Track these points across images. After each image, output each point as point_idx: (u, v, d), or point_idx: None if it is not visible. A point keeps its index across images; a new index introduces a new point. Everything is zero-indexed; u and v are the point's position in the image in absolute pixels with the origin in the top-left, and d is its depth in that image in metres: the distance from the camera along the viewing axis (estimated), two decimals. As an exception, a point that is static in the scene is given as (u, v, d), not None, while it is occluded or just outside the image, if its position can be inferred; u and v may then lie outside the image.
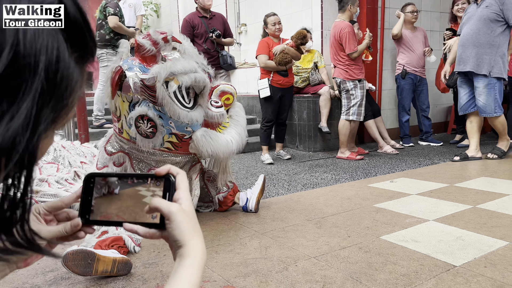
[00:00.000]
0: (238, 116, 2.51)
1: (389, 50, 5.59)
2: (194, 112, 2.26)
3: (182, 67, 2.18)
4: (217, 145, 2.32)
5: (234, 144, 2.38)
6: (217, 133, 2.36)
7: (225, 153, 2.35)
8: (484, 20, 3.83)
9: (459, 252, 1.92)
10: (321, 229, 2.29)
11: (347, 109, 4.43)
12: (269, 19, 4.34)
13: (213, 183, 2.64)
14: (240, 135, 2.42)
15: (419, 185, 3.20)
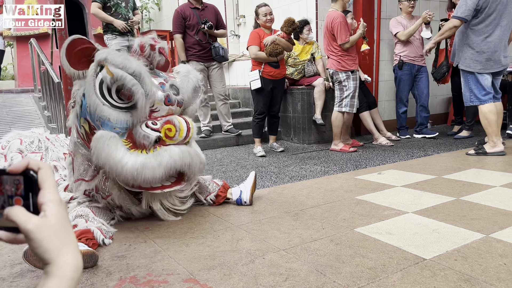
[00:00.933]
0: (167, 152, 2.09)
1: (386, 41, 5.50)
2: (111, 110, 2.03)
3: (121, 60, 2.00)
4: (108, 155, 1.99)
5: (128, 168, 1.99)
6: (120, 145, 2.03)
7: (112, 168, 2.01)
8: None
9: (432, 245, 1.88)
10: (297, 222, 2.27)
11: (340, 100, 4.37)
12: (260, 9, 4.28)
13: (202, 188, 2.60)
14: (143, 165, 2.01)
15: (406, 177, 3.15)
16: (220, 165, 3.99)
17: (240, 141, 5.08)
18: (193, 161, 2.22)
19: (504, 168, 3.27)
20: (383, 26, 5.41)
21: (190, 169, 2.23)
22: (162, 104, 2.20)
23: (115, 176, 2.07)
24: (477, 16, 3.69)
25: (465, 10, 3.67)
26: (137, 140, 2.09)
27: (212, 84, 4.97)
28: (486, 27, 3.70)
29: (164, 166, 2.06)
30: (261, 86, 4.26)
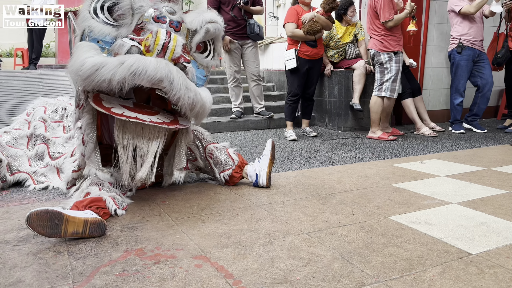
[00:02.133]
0: (140, 57, 1.80)
1: (435, 24, 5.09)
2: (96, 22, 1.89)
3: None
4: (74, 59, 1.79)
5: (87, 63, 1.74)
6: (92, 50, 1.83)
7: (74, 69, 1.77)
8: None
9: (480, 239, 1.63)
10: (324, 205, 2.06)
11: (380, 84, 4.07)
12: None
13: (215, 159, 2.42)
14: (102, 62, 1.74)
15: (450, 167, 2.86)
16: (249, 147, 3.82)
17: (271, 124, 4.89)
18: (176, 79, 1.82)
19: None
20: (432, 9, 5.01)
21: (173, 88, 1.82)
22: (151, 21, 1.98)
23: (76, 78, 1.82)
24: None
25: None
26: (115, 53, 1.88)
27: (245, 63, 4.79)
28: None
29: (127, 67, 1.74)
30: (296, 66, 4.03)
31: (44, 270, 1.39)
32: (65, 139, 2.72)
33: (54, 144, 2.62)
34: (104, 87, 1.79)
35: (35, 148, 2.62)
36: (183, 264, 1.43)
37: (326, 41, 4.61)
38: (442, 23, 5.13)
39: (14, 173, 2.44)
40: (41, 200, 2.20)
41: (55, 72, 5.71)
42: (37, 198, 2.23)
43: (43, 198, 2.24)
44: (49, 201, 2.18)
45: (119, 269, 1.40)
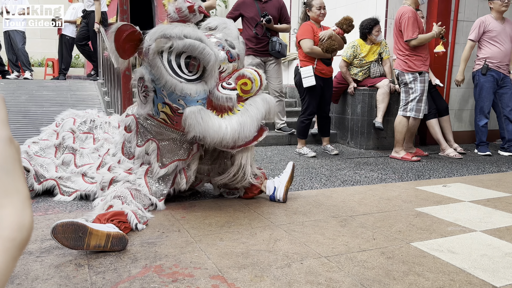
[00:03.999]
0: (253, 105, 2.16)
1: (462, 45, 5.01)
2: (189, 85, 2.08)
3: (179, 31, 2.03)
4: (205, 127, 2.05)
5: (229, 132, 2.05)
6: (211, 114, 2.09)
7: (214, 138, 2.06)
8: None
9: (505, 270, 1.58)
10: (344, 228, 2.04)
11: (405, 104, 4.03)
12: (315, 1, 4.01)
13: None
14: (241, 124, 2.08)
15: (475, 191, 2.78)
16: (270, 163, 3.82)
17: (292, 140, 4.88)
18: (270, 106, 2.26)
19: None
20: (459, 29, 4.95)
21: (270, 114, 2.27)
22: (227, 62, 2.20)
23: (215, 143, 2.12)
24: None
25: None
26: (217, 104, 2.14)
27: (268, 79, 4.82)
28: None
29: (256, 119, 2.15)
30: (315, 83, 4.03)
31: (65, 283, 1.42)
32: (92, 150, 2.79)
33: (82, 155, 2.69)
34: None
35: (62, 157, 2.69)
36: (200, 284, 1.43)
37: (350, 59, 4.61)
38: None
39: (41, 182, 2.51)
40: (64, 211, 2.26)
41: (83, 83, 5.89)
42: (60, 209, 2.28)
43: (66, 209, 2.29)
44: (72, 212, 2.24)
45: (138, 285, 1.41)
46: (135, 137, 2.36)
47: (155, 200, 2.26)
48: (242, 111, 2.15)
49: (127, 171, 2.34)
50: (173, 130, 2.26)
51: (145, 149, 2.32)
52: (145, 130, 2.33)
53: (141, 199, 2.17)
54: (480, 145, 4.47)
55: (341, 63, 4.70)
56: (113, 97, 4.59)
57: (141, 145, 2.34)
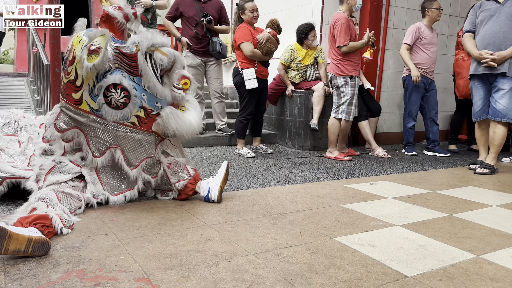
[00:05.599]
0: (193, 101, 2.56)
1: (392, 51, 5.34)
2: (165, 89, 2.36)
3: (161, 40, 2.29)
4: (183, 124, 2.38)
5: (196, 126, 2.43)
6: (181, 112, 2.40)
7: (188, 132, 2.42)
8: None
9: (417, 261, 1.71)
10: (274, 226, 2.10)
11: (337, 106, 4.21)
12: (247, 4, 4.10)
13: (173, 170, 2.47)
14: (200, 118, 2.49)
15: (398, 189, 2.98)
16: (208, 163, 3.83)
17: (233, 141, 4.92)
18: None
19: (503, 188, 3.10)
20: (389, 36, 5.26)
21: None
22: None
23: (186, 135, 2.44)
24: None
25: None
26: (173, 101, 2.42)
27: (208, 80, 4.83)
28: None
29: (200, 111, 2.60)
30: (257, 85, 4.11)
31: (-24, 292, 1.34)
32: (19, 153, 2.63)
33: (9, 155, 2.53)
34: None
35: None
36: (124, 286, 1.41)
37: (287, 62, 4.74)
38: (397, 50, 5.39)
39: None
40: (-18, 216, 2.11)
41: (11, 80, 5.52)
42: (-22, 214, 2.13)
43: (-16, 214, 2.15)
44: (-9, 217, 2.10)
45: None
46: (88, 150, 2.33)
47: (107, 194, 2.33)
48: (192, 106, 2.51)
49: (74, 163, 2.33)
50: (139, 132, 2.38)
51: (106, 158, 2.33)
52: (98, 140, 2.32)
53: (68, 202, 2.09)
54: (407, 146, 4.79)
55: (279, 66, 4.82)
56: (43, 96, 4.35)
57: (99, 156, 2.33)
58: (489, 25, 3.66)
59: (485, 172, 3.67)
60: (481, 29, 3.73)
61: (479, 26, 3.76)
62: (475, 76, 3.78)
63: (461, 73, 4.90)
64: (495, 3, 3.69)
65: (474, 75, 3.78)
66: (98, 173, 2.35)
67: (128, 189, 2.40)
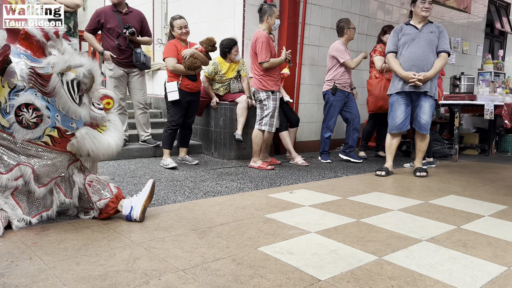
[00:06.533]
0: (116, 121, 2.58)
1: (307, 66, 5.74)
2: (82, 109, 2.32)
3: (79, 61, 2.26)
4: (99, 146, 2.39)
5: (114, 147, 2.45)
6: (99, 133, 2.39)
7: (105, 154, 2.43)
8: (431, 44, 4.13)
9: (329, 265, 1.94)
10: (202, 240, 2.21)
11: (260, 119, 4.45)
12: (176, 22, 4.25)
13: (95, 188, 2.47)
14: (120, 139, 2.51)
15: (315, 197, 3.26)
16: (133, 177, 3.81)
17: (158, 152, 4.92)
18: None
19: (403, 193, 3.53)
20: (305, 52, 5.65)
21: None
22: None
23: (104, 157, 2.47)
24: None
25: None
26: (92, 121, 2.39)
27: (131, 91, 4.79)
28: None
29: (123, 132, 2.63)
30: (179, 98, 4.22)
31: None
32: None
33: None
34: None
35: None
36: (55, 312, 1.43)
37: (211, 75, 4.88)
38: (312, 65, 5.82)
39: None
40: None
41: None
42: None
43: None
44: None
45: (-18, 324, 1.35)
46: None
47: (28, 218, 2.30)
48: (113, 126, 2.53)
49: None
50: (52, 151, 2.37)
51: (13, 175, 2.27)
52: (7, 157, 2.27)
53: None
54: (323, 154, 5.18)
55: (203, 79, 4.94)
56: None
57: (5, 172, 2.25)
58: (411, 48, 4.17)
59: (423, 175, 4.25)
60: (404, 51, 4.22)
61: (401, 48, 4.25)
62: (401, 93, 4.25)
63: (370, 91, 5.41)
64: (414, 29, 4.21)
65: (400, 92, 4.25)
66: (14, 197, 2.29)
67: (45, 210, 2.37)
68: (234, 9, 5.24)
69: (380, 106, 5.25)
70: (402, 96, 4.25)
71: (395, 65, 4.22)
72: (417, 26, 4.20)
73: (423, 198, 3.33)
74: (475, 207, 3.09)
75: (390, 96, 4.36)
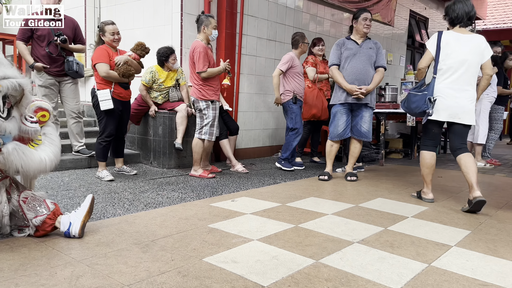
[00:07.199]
0: (52, 135, 2.47)
1: (246, 75, 5.89)
2: (8, 123, 2.19)
3: (2, 73, 2.14)
4: (29, 162, 2.26)
5: (48, 163, 2.34)
6: (31, 149, 2.29)
7: (37, 170, 2.31)
8: (370, 59, 4.45)
9: (271, 271, 2.05)
10: (146, 254, 2.22)
11: (200, 128, 4.49)
12: (108, 27, 4.11)
13: (30, 205, 2.37)
14: (55, 155, 2.40)
15: (256, 204, 3.38)
16: (67, 190, 3.67)
17: (92, 163, 4.76)
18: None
19: (336, 197, 3.77)
20: (243, 62, 5.79)
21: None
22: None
23: (37, 174, 2.38)
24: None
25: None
26: (22, 137, 2.28)
27: (63, 100, 4.60)
28: None
29: (59, 147, 2.50)
30: (113, 107, 4.10)
31: None
32: None
33: None
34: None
35: None
36: None
37: (149, 84, 4.84)
38: (250, 74, 5.98)
39: None
40: None
41: None
42: None
43: None
44: None
45: None
46: None
47: None
48: (48, 141, 2.43)
49: None
50: None
51: None
52: None
53: None
54: (285, 161, 5.25)
55: (140, 87, 4.88)
56: None
57: None
58: (353, 62, 4.45)
59: (354, 179, 4.56)
60: (346, 65, 4.48)
61: (344, 62, 4.51)
62: (344, 104, 4.52)
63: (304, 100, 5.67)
64: (355, 44, 4.50)
65: (343, 103, 4.51)
66: None
67: None
68: (171, 17, 5.23)
69: (313, 114, 5.53)
70: (344, 106, 4.53)
71: (339, 77, 4.49)
72: (357, 41, 4.51)
73: (354, 201, 3.59)
74: (400, 208, 3.40)
75: (333, 106, 4.62)
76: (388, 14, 8.73)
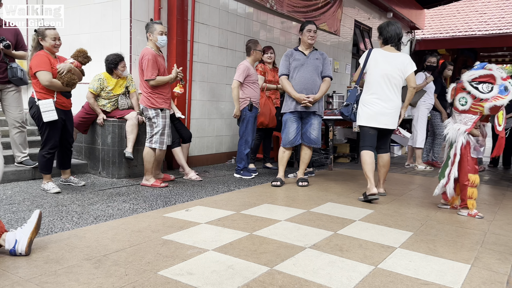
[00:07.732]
0: None
1: (198, 82, 5.89)
2: None
3: None
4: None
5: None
6: None
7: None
8: (317, 70, 4.61)
9: (227, 281, 2.09)
10: (98, 269, 2.18)
11: (150, 137, 4.43)
12: (49, 32, 3.87)
13: None
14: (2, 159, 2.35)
15: (210, 213, 3.40)
16: (10, 204, 3.49)
17: (37, 174, 4.54)
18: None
19: (289, 203, 3.87)
20: (195, 69, 5.79)
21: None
22: None
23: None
24: None
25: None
26: None
27: (5, 108, 4.37)
28: None
29: (1, 157, 2.42)
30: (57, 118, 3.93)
31: None
32: None
33: None
34: None
35: None
36: None
37: (97, 91, 4.70)
38: (202, 81, 5.99)
39: None
40: None
41: None
42: None
43: None
44: None
45: None
46: None
47: None
48: None
49: None
50: None
51: None
52: None
53: None
54: (243, 170, 5.26)
55: (88, 95, 4.73)
56: None
57: None
58: (301, 72, 4.59)
59: (305, 185, 4.72)
60: (295, 75, 4.61)
61: (293, 72, 4.64)
62: (294, 112, 4.63)
63: None
64: (302, 55, 4.64)
65: (293, 111, 4.62)
66: None
67: None
68: (120, 23, 5.12)
69: (261, 122, 5.63)
70: (294, 114, 4.66)
71: (288, 87, 4.61)
72: (305, 52, 4.66)
73: (306, 207, 3.71)
74: (348, 212, 3.57)
75: (284, 114, 4.73)
76: (334, 23, 9.08)
